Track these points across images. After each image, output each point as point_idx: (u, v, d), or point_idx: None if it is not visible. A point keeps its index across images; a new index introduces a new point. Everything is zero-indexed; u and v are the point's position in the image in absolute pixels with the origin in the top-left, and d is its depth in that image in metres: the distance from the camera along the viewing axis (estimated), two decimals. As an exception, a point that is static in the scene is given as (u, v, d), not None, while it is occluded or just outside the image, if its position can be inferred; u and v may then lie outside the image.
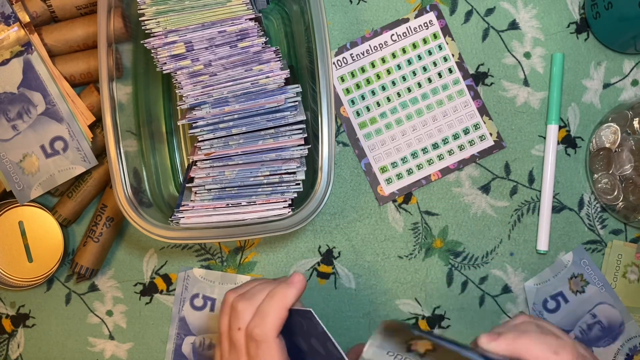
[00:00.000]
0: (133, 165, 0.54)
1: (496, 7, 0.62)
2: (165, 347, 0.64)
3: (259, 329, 0.42)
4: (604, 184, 0.61)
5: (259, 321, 0.42)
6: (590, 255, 0.63)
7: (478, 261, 0.63)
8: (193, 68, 0.51)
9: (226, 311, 0.45)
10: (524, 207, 0.63)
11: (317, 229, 0.63)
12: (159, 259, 0.63)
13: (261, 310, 0.43)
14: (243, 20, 0.50)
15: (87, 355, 0.64)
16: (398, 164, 0.63)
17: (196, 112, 0.52)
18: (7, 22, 0.57)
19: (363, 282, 0.63)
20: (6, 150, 0.57)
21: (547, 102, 0.63)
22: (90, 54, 0.59)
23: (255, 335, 0.42)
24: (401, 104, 0.63)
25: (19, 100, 0.57)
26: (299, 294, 0.44)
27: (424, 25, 0.62)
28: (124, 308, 0.64)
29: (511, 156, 0.63)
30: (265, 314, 0.42)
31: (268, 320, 0.42)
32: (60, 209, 0.61)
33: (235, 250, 0.63)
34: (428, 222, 0.63)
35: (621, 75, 0.63)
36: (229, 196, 0.53)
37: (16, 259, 0.62)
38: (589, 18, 0.62)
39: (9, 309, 0.64)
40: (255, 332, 0.42)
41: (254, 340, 0.42)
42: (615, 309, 0.62)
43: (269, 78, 0.51)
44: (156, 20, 0.51)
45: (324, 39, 0.51)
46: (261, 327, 0.42)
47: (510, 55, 0.63)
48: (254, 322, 0.42)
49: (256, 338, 0.42)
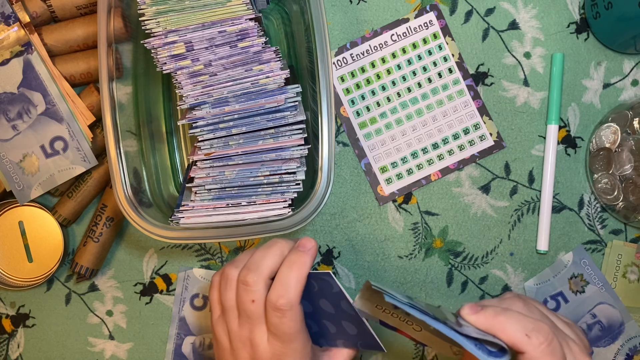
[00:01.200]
0: (133, 165, 0.54)
1: (496, 7, 0.62)
2: (165, 347, 0.64)
3: (284, 299, 0.43)
4: (604, 184, 0.61)
5: (283, 291, 0.43)
6: (590, 255, 0.63)
7: (478, 261, 0.63)
8: (193, 68, 0.51)
9: (231, 286, 0.46)
10: (524, 207, 0.63)
11: (317, 229, 0.63)
12: (159, 259, 0.63)
13: (282, 280, 0.44)
14: (243, 20, 0.50)
15: (87, 355, 0.64)
16: (398, 164, 0.63)
17: (196, 112, 0.52)
18: (7, 22, 0.57)
19: (363, 282, 0.63)
20: (6, 150, 0.57)
21: (547, 102, 0.63)
22: (90, 54, 0.59)
23: (281, 305, 0.43)
24: (401, 104, 0.63)
25: (19, 100, 0.57)
26: (314, 258, 0.45)
27: (424, 25, 0.62)
28: (124, 308, 0.64)
29: (511, 156, 0.63)
30: (287, 284, 0.43)
31: (291, 289, 0.43)
32: (60, 209, 0.61)
33: (235, 250, 0.63)
34: (428, 222, 0.63)
35: (621, 75, 0.63)
36: (229, 196, 0.53)
37: (16, 259, 0.62)
38: (589, 18, 0.62)
39: (9, 309, 0.64)
40: (281, 302, 0.43)
41: (279, 310, 0.43)
42: (615, 309, 0.63)
43: (269, 78, 0.51)
44: (156, 20, 0.51)
45: (324, 39, 0.51)
46: (286, 296, 0.43)
47: (510, 55, 0.63)
48: (278, 292, 0.43)
49: (282, 308, 0.43)
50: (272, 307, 0.43)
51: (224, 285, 0.46)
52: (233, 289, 0.45)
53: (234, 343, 0.45)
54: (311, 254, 0.45)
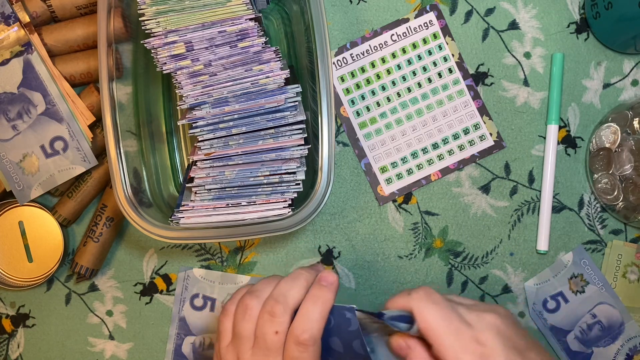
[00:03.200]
0: (133, 165, 0.54)
1: (496, 7, 0.62)
2: (165, 347, 0.64)
3: (308, 333, 0.42)
4: (604, 184, 0.61)
5: (308, 326, 0.42)
6: (590, 255, 0.63)
7: (478, 261, 0.63)
8: (193, 68, 0.51)
9: (250, 315, 0.44)
10: (524, 207, 0.63)
11: (317, 229, 0.63)
12: (159, 259, 0.63)
13: (308, 315, 0.43)
14: (243, 20, 0.50)
15: (87, 355, 0.64)
16: (398, 164, 0.63)
17: (196, 112, 0.52)
18: (7, 22, 0.57)
19: (363, 282, 0.63)
20: (6, 150, 0.57)
21: (547, 102, 0.63)
22: (90, 54, 0.59)
23: (304, 340, 0.42)
24: (401, 104, 0.63)
25: (19, 100, 0.57)
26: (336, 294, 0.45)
27: (424, 25, 0.62)
28: (124, 308, 0.64)
29: (511, 156, 0.63)
30: (312, 319, 0.43)
31: (315, 324, 0.42)
32: (60, 209, 0.61)
33: (235, 250, 0.63)
34: (428, 222, 0.63)
35: (621, 75, 0.63)
36: (229, 196, 0.53)
37: (16, 259, 0.62)
38: (589, 18, 0.62)
39: (9, 309, 0.64)
40: (305, 337, 0.42)
41: (302, 344, 0.42)
42: (615, 309, 0.62)
43: (269, 78, 0.51)
44: (156, 20, 0.51)
45: (324, 39, 0.51)
46: (310, 331, 0.42)
47: (510, 55, 0.63)
48: (303, 327, 0.42)
49: (305, 343, 0.42)
50: (295, 341, 0.42)
51: (242, 314, 0.44)
52: (253, 320, 0.44)
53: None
54: (334, 289, 0.44)
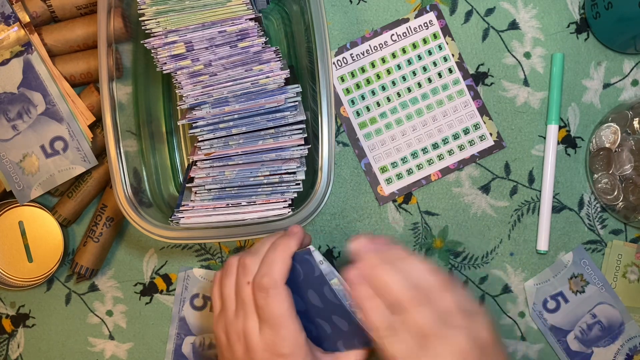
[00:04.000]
0: (133, 165, 0.54)
1: (496, 7, 0.62)
2: (165, 347, 0.64)
3: (267, 277, 0.43)
4: (604, 184, 0.61)
5: (266, 270, 0.44)
6: (590, 255, 0.63)
7: (478, 261, 0.63)
8: (193, 68, 0.51)
9: (231, 272, 0.46)
10: (524, 207, 0.63)
11: (317, 229, 0.63)
12: (159, 259, 0.63)
13: (266, 260, 0.44)
14: (243, 20, 0.50)
15: (87, 355, 0.64)
16: (398, 164, 0.63)
17: (196, 112, 0.52)
18: (7, 22, 0.57)
19: (363, 282, 0.63)
20: (6, 150, 0.57)
21: (547, 102, 0.63)
22: (90, 54, 0.59)
23: (264, 284, 0.43)
24: (401, 104, 0.63)
25: (19, 100, 0.57)
26: (300, 242, 0.46)
27: (424, 25, 0.62)
28: (124, 308, 0.64)
29: (511, 156, 0.63)
30: (270, 263, 0.44)
31: (274, 267, 0.44)
32: (60, 209, 0.61)
33: (235, 250, 0.63)
34: (428, 222, 0.63)
35: (621, 75, 0.63)
36: (229, 196, 0.53)
37: (16, 259, 0.62)
38: (589, 18, 0.62)
39: (9, 309, 0.64)
40: (264, 280, 0.43)
41: (263, 289, 0.43)
42: (615, 309, 0.63)
43: (269, 78, 0.51)
44: (156, 20, 0.51)
45: (324, 39, 0.51)
46: (269, 275, 0.43)
47: (510, 55, 0.63)
48: (261, 272, 0.44)
49: (265, 286, 0.43)
50: (258, 287, 0.43)
51: (225, 273, 0.47)
52: (233, 275, 0.46)
53: (230, 337, 0.46)
54: (297, 237, 0.46)
